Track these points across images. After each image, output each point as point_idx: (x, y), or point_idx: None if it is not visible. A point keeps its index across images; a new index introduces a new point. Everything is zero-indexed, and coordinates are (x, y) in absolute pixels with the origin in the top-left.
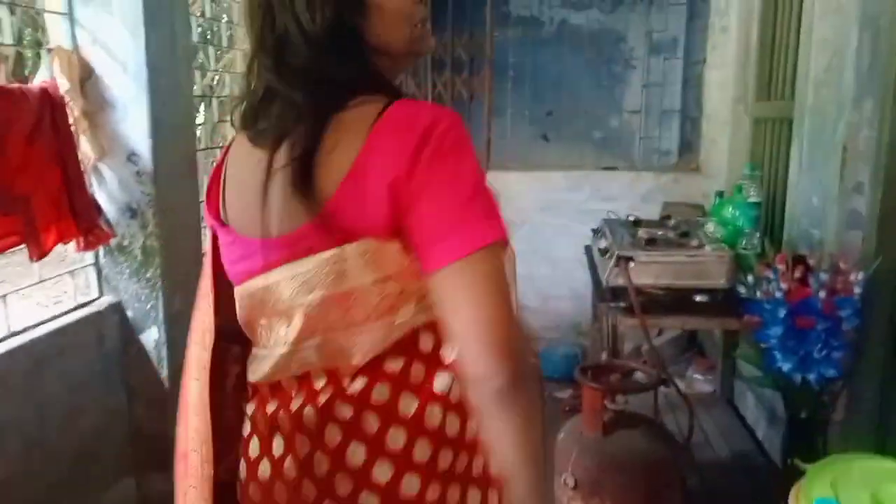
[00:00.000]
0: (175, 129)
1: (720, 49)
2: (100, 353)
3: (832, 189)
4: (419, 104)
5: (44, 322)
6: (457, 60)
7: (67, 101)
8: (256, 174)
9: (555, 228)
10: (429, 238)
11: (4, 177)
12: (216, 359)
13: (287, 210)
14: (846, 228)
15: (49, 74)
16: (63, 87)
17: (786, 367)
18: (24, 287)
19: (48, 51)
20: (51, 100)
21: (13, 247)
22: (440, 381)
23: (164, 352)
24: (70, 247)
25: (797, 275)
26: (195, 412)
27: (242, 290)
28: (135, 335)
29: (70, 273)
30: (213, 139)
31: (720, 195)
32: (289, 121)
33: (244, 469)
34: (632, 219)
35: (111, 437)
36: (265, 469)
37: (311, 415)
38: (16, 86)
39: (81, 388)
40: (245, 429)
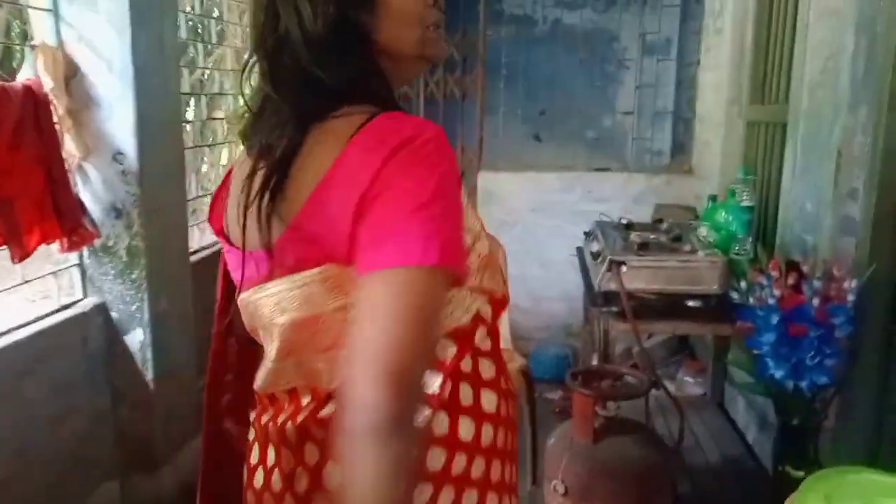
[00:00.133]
0: (162, 128)
1: (714, 51)
2: (84, 355)
3: (826, 194)
4: (404, 118)
5: (27, 324)
6: (449, 59)
7: (52, 99)
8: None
9: (547, 229)
10: (368, 241)
11: None
12: (217, 359)
13: (260, 222)
14: (840, 234)
15: (33, 72)
16: (47, 85)
17: (778, 374)
18: (7, 288)
19: (32, 48)
20: (34, 98)
21: None
22: None
23: (150, 353)
24: (55, 245)
25: (790, 281)
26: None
27: (239, 302)
28: (119, 337)
29: (54, 274)
30: (203, 137)
31: (713, 199)
32: (274, 130)
33: (245, 475)
34: (624, 222)
35: (95, 440)
36: (259, 478)
37: (293, 431)
38: None
39: (66, 390)
40: (249, 434)
